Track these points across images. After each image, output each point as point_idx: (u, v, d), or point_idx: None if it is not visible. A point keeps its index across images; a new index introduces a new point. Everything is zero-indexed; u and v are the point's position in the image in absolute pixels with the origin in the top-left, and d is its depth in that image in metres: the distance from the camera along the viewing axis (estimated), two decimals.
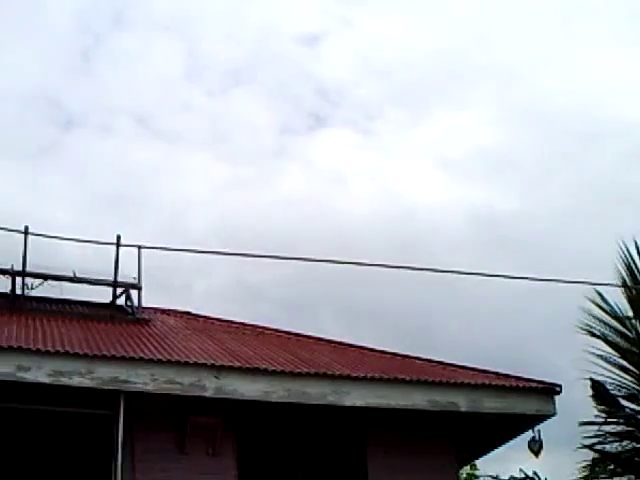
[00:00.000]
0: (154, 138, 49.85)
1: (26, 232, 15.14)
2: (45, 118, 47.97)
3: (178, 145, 48.42)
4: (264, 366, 12.35)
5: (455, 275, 12.79)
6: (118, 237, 15.34)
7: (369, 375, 12.76)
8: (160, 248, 12.74)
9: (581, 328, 14.21)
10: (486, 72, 41.77)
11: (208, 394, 11.78)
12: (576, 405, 15.04)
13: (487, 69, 41.93)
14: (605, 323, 14.21)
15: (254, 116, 47.31)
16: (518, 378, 13.83)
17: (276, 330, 16.91)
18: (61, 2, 43.30)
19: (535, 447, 13.30)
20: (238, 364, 12.32)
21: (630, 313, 14.23)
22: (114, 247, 15.14)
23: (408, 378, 12.84)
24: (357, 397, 12.41)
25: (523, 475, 14.26)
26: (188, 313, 17.60)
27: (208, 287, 38.68)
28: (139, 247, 14.95)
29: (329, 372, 12.67)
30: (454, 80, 43.43)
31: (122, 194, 41.52)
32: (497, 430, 14.42)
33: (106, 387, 11.46)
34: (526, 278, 12.50)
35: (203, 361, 12.09)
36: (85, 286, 16.49)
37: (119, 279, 16.08)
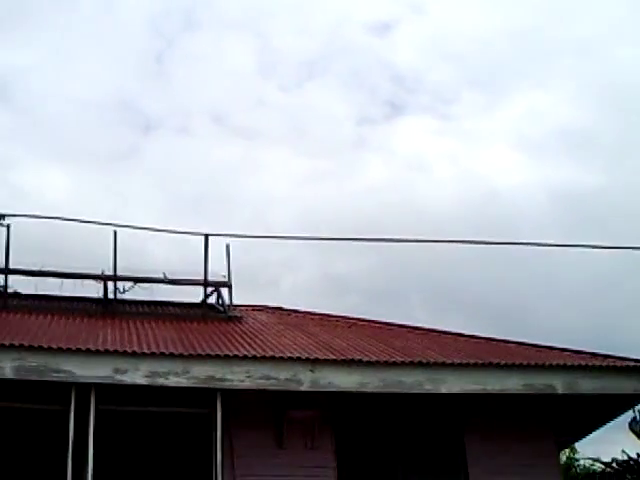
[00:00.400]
0: (232, 136, 50.24)
1: (115, 236, 15.42)
2: (124, 123, 48.65)
3: (256, 141, 48.75)
4: (358, 357, 12.35)
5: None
6: (206, 236, 15.54)
7: (464, 361, 12.70)
8: (226, 235, 12.75)
9: None
10: (563, 49, 41.16)
11: (304, 388, 11.82)
12: None
13: (564, 45, 41.33)
14: None
15: (331, 108, 47.31)
16: (614, 357, 13.62)
17: (368, 321, 16.88)
18: (132, 9, 43.89)
19: (637, 428, 13.09)
20: (332, 357, 12.33)
21: None
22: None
23: (503, 362, 12.72)
24: (453, 384, 12.33)
25: (626, 457, 14.01)
26: (279, 308, 17.66)
27: (295, 282, 38.88)
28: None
29: (424, 360, 12.61)
30: (530, 59, 42.90)
31: (204, 194, 41.94)
32: (595, 412, 14.21)
33: (202, 386, 11.59)
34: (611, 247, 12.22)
35: (298, 355, 12.14)
36: (174, 287, 16.71)
37: (208, 278, 16.26)
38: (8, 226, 15.93)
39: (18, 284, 16.63)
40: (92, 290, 16.27)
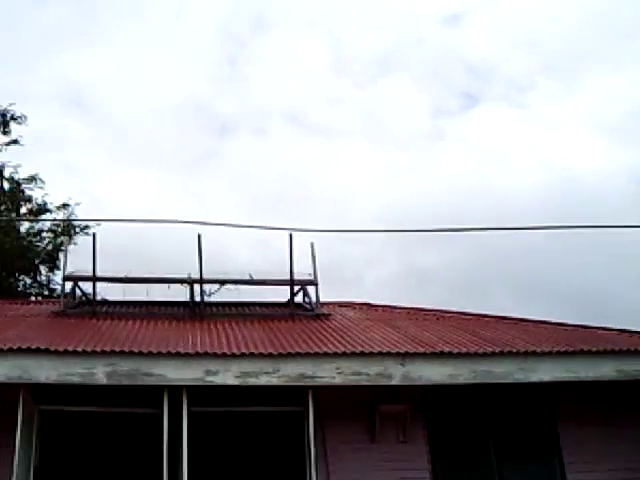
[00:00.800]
0: (307, 134, 50.44)
1: (199, 239, 15.57)
2: (200, 127, 49.19)
3: (333, 138, 48.86)
4: (448, 349, 12.31)
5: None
6: (290, 235, 15.60)
7: (554, 349, 12.55)
8: (310, 231, 12.77)
9: None
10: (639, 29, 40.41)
11: (395, 382, 11.83)
12: None
13: None
14: None
15: (406, 102, 47.26)
16: None
17: (455, 312, 16.84)
18: (201, 13, 44.32)
19: None
20: (422, 350, 12.30)
21: None
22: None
23: (595, 349, 12.53)
24: (544, 372, 12.21)
25: None
26: (366, 304, 17.67)
27: (378, 276, 38.90)
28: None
29: (514, 350, 12.50)
30: (606, 41, 42.29)
31: (283, 193, 42.23)
32: None
33: (293, 384, 11.68)
34: None
35: (387, 350, 12.14)
36: (260, 287, 16.81)
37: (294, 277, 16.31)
38: (94, 235, 16.23)
39: (106, 291, 16.96)
40: (179, 294, 16.51)
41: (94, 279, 15.85)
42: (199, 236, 15.62)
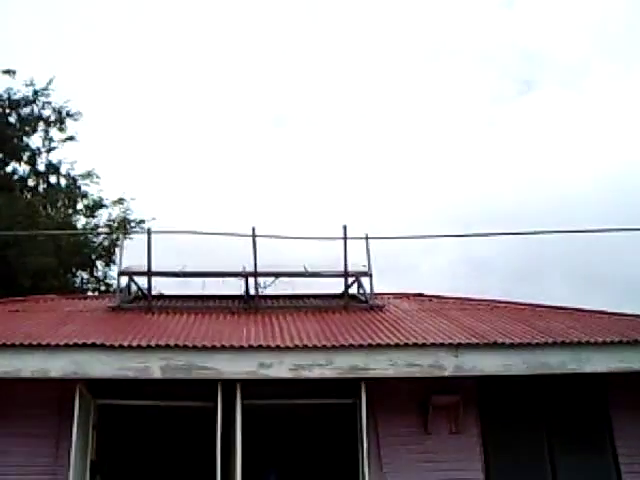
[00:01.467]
0: (365, 125, 50.20)
1: (254, 232, 15.71)
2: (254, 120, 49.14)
3: (389, 128, 48.58)
4: (501, 340, 12.29)
5: None
6: (344, 227, 15.71)
7: (608, 339, 12.46)
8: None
9: None
10: None
11: (448, 373, 11.85)
12: None
13: None
14: None
15: (461, 89, 46.93)
16: None
17: (509, 302, 16.76)
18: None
19: None
20: (475, 340, 12.29)
21: None
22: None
23: None
24: (598, 363, 12.17)
25: None
26: (420, 295, 17.64)
27: (434, 266, 38.83)
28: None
29: (567, 340, 12.43)
30: None
31: (342, 184, 42.15)
32: None
33: (347, 376, 11.74)
34: None
35: (440, 341, 12.17)
36: (314, 279, 16.90)
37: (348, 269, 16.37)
38: (149, 230, 16.44)
39: (161, 285, 17.18)
40: (233, 288, 16.67)
41: (149, 274, 16.02)
42: (253, 229, 15.76)
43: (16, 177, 31.81)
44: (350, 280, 16.63)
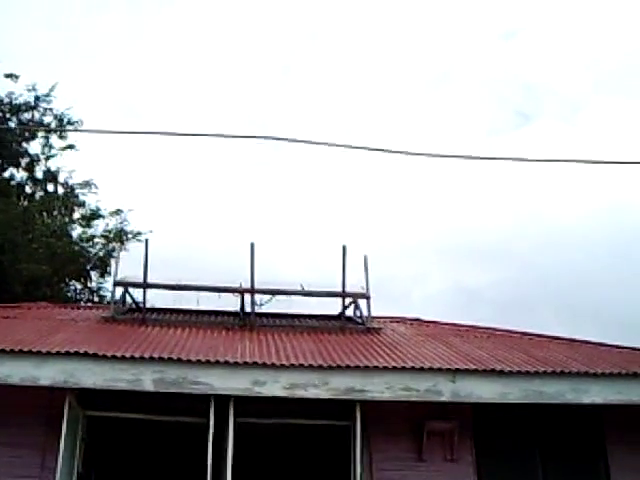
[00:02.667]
0: (361, 150, 50.29)
1: (252, 248, 15.60)
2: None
3: (385, 155, 48.61)
4: (500, 367, 12.17)
5: None
6: (344, 248, 15.60)
7: (607, 371, 12.36)
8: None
9: None
10: None
11: (444, 399, 11.74)
12: None
13: None
14: None
15: (460, 120, 47.01)
16: None
17: (507, 331, 16.67)
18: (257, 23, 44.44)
19: None
20: (473, 367, 12.17)
21: None
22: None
23: None
24: (596, 394, 12.05)
25: None
26: (417, 320, 17.58)
27: (426, 294, 38.77)
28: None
29: (566, 370, 12.33)
30: None
31: (335, 210, 42.11)
32: None
33: (342, 397, 11.60)
34: None
35: (438, 366, 12.05)
36: (310, 300, 16.79)
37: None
38: (146, 241, 16.34)
39: (155, 299, 17.03)
40: (229, 304, 16.53)
41: (145, 285, 15.90)
42: (252, 245, 15.66)
43: (13, 183, 31.63)
44: (347, 301, 16.52)
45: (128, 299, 16.59)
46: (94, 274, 31.35)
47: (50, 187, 32.32)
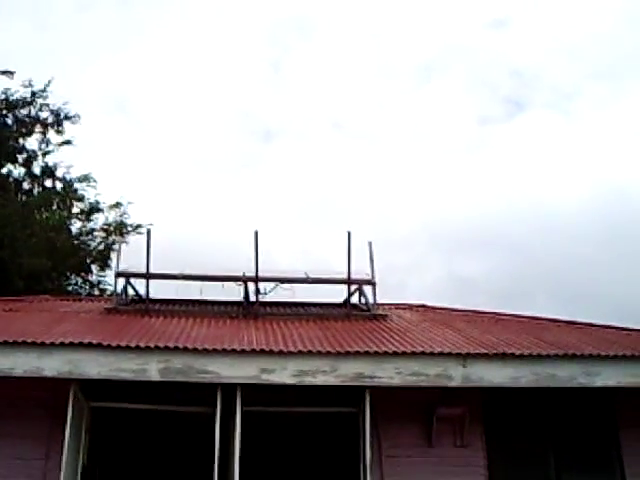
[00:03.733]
0: (351, 140, 50.19)
1: (256, 237, 15.43)
2: (245, 132, 49.17)
3: (376, 144, 48.58)
4: (511, 351, 12.00)
5: None
6: (349, 234, 15.47)
7: (620, 353, 12.18)
8: None
9: None
10: None
11: (455, 384, 11.57)
12: None
13: None
14: None
15: (451, 109, 46.85)
16: None
17: (514, 315, 16.54)
18: (247, 19, 44.38)
19: None
20: (484, 351, 12.01)
21: None
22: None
23: None
24: (608, 377, 11.86)
25: None
26: (423, 306, 17.43)
27: (421, 284, 38.64)
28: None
29: (578, 353, 12.16)
30: None
31: (329, 200, 42.06)
32: None
33: (351, 384, 11.44)
34: None
35: (448, 350, 11.89)
36: (314, 289, 16.61)
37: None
38: (148, 231, 16.16)
39: (158, 290, 16.87)
40: (232, 293, 16.38)
41: (147, 276, 15.76)
42: (256, 233, 15.50)
43: (11, 179, 31.45)
44: (353, 288, 16.34)
45: (130, 290, 16.42)
46: (94, 267, 31.27)
47: (48, 182, 32.18)
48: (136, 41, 50.44)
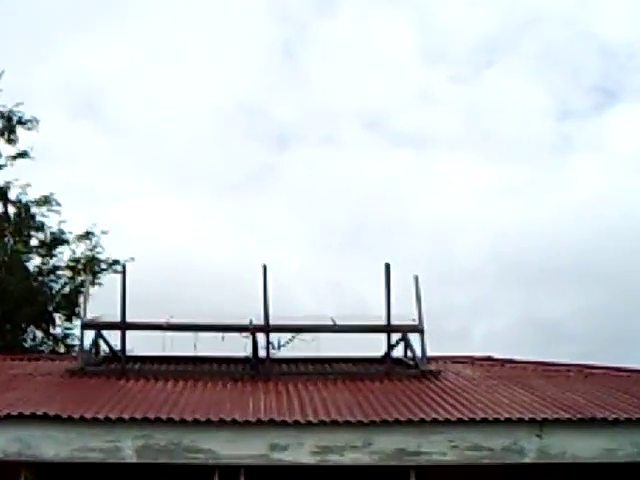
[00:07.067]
0: (391, 144, 50.17)
1: (265, 271, 15.48)
2: (251, 136, 49.35)
3: (425, 149, 48.53)
4: (603, 415, 11.98)
5: None
6: (387, 266, 15.47)
7: None
8: None
9: None
10: None
11: (529, 460, 11.60)
12: None
13: None
14: None
15: (521, 100, 46.76)
16: None
17: (610, 367, 16.51)
18: None
19: None
20: (566, 415, 12.01)
21: None
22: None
23: None
24: None
25: None
26: (489, 358, 17.43)
27: (491, 330, 38.47)
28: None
29: None
30: None
31: (360, 220, 42.06)
32: None
33: (390, 463, 11.48)
34: None
35: (518, 416, 11.89)
36: (343, 338, 16.62)
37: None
38: (124, 267, 16.23)
39: (138, 342, 16.92)
40: (237, 347, 16.42)
41: (123, 326, 15.80)
42: (264, 267, 15.54)
43: None
44: (395, 337, 16.36)
45: (103, 345, 16.49)
46: (58, 317, 31.37)
47: None
48: (108, 21, 50.65)
